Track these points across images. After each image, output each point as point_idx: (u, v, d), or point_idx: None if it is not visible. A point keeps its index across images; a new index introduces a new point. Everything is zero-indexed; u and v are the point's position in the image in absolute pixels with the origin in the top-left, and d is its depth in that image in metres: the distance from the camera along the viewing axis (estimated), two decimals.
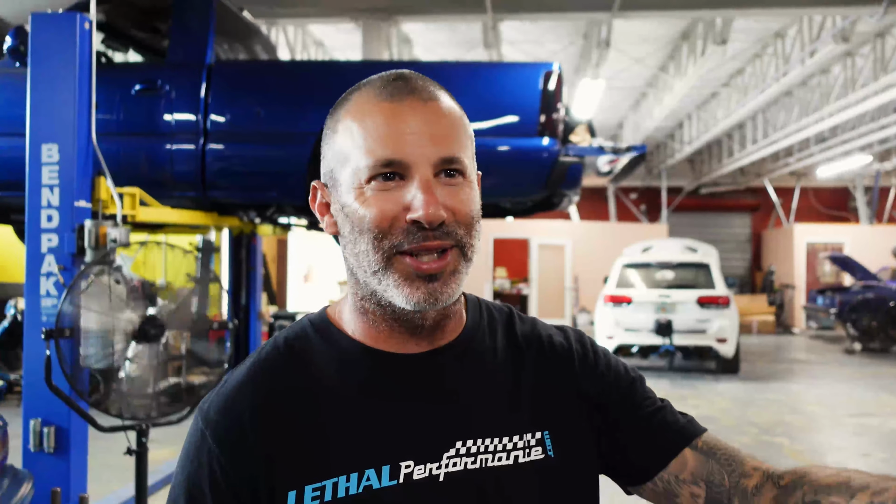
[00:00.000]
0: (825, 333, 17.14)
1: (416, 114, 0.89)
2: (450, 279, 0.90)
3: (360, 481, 0.89)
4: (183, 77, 4.74)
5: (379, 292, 0.91)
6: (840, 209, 21.18)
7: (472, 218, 0.91)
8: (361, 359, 0.96)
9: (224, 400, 0.94)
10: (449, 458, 0.92)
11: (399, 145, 0.88)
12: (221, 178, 4.75)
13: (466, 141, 0.93)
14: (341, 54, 11.41)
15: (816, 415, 8.24)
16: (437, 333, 0.97)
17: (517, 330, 1.05)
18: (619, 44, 10.43)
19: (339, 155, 0.92)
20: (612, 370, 1.06)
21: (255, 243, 6.77)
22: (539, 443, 0.97)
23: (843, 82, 11.09)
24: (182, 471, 0.93)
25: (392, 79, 0.93)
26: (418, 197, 0.87)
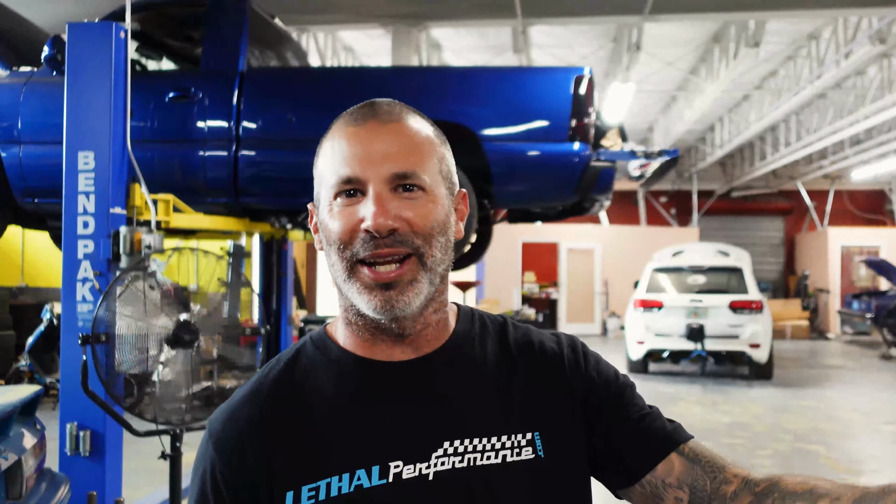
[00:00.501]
0: (861, 339, 16.85)
1: (372, 136, 0.98)
2: (407, 288, 0.96)
3: (352, 481, 0.96)
4: (216, 84, 4.78)
5: (352, 301, 0.99)
6: (876, 212, 20.81)
7: (431, 228, 0.98)
8: (354, 368, 1.03)
9: (228, 412, 1.03)
10: (437, 457, 0.97)
11: (356, 164, 0.97)
12: (253, 184, 4.78)
13: (430, 159, 1.00)
14: (371, 60, 11.46)
15: (853, 422, 8.10)
16: (420, 341, 1.03)
17: (510, 337, 1.11)
18: (650, 47, 10.35)
19: (319, 177, 1.02)
20: (602, 375, 1.10)
21: (285, 248, 6.81)
22: (529, 443, 1.02)
23: (880, 84, 10.91)
24: (193, 479, 1.03)
25: (362, 106, 1.03)
26: (369, 209, 0.95)
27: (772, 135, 16.01)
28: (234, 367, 5.53)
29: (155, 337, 3.48)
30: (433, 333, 1.05)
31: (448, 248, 1.02)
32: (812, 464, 6.28)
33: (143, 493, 4.98)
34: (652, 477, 1.05)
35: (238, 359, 5.35)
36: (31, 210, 4.99)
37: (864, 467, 6.23)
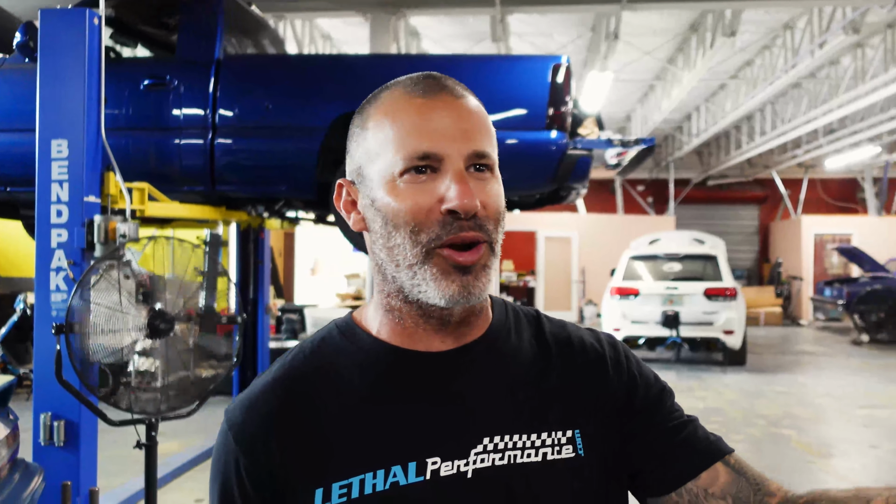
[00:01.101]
0: (833, 325, 17.10)
1: (448, 109, 0.91)
2: (481, 273, 0.91)
3: (387, 478, 0.90)
4: (192, 72, 4.74)
5: (408, 288, 0.91)
6: (848, 200, 21.08)
7: (500, 213, 0.93)
8: (386, 358, 0.96)
9: (249, 402, 0.96)
10: (477, 454, 0.92)
11: (434, 139, 0.89)
12: (230, 172, 4.76)
13: (492, 139, 0.95)
14: (349, 48, 11.40)
15: (824, 407, 8.23)
16: (464, 329, 0.97)
17: (545, 330, 1.05)
18: (628, 36, 10.38)
19: (369, 151, 0.93)
20: (643, 376, 1.05)
21: (262, 237, 6.79)
22: (570, 441, 0.97)
23: (853, 73, 11.03)
24: (214, 473, 0.97)
25: (423, 77, 0.95)
26: (453, 187, 0.88)
27: (747, 124, 16.14)
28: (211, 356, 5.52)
29: (129, 326, 3.46)
30: (477, 322, 0.99)
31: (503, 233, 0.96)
32: (784, 448, 6.38)
33: (119, 482, 4.96)
34: (694, 485, 1.00)
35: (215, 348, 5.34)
36: (4, 199, 4.93)
37: (835, 450, 6.34)
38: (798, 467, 5.80)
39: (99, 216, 3.78)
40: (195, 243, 3.82)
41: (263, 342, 6.99)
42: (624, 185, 21.31)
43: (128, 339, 3.51)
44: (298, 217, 6.78)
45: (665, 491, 1.01)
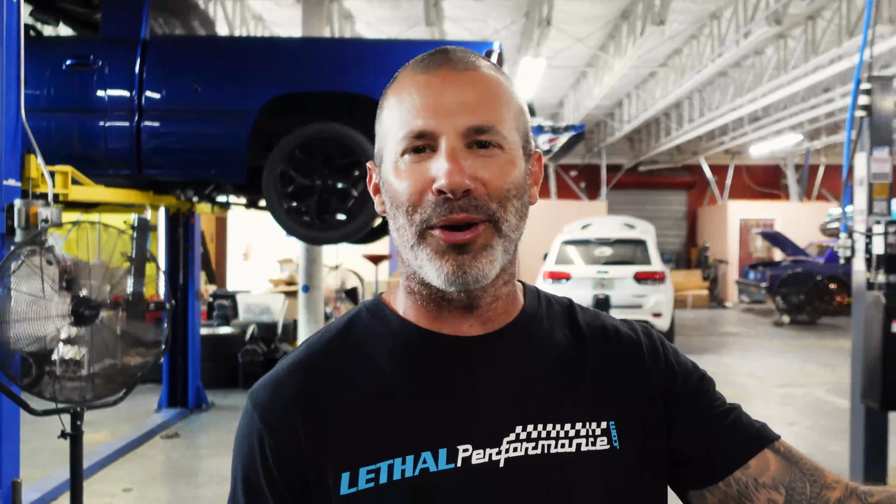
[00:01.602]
0: (756, 307, 17.70)
1: (447, 84, 0.88)
2: (480, 253, 0.87)
3: (417, 464, 0.87)
4: (116, 52, 4.62)
5: (417, 270, 0.90)
6: (772, 187, 21.80)
7: (507, 191, 0.88)
8: (416, 340, 0.93)
9: (274, 381, 0.93)
10: (509, 442, 0.89)
11: (427, 116, 0.86)
12: (157, 155, 4.66)
13: (507, 113, 0.90)
14: (282, 30, 11.22)
15: (747, 386, 8.54)
16: (489, 315, 0.93)
17: (579, 319, 1.01)
18: (560, 23, 10.49)
19: (382, 132, 0.92)
20: (681, 364, 1.01)
21: (192, 222, 6.67)
22: (604, 433, 0.93)
23: (776, 63, 11.39)
24: (236, 452, 0.94)
25: (432, 52, 0.92)
26: (442, 166, 0.85)
27: (676, 111, 16.51)
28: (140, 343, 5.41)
29: (53, 313, 3.37)
30: (503, 307, 0.95)
31: (523, 215, 0.91)
32: None
33: (45, 473, 4.84)
34: (742, 475, 0.95)
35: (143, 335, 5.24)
36: None
37: None
38: None
39: (19, 200, 3.67)
40: (121, 228, 3.74)
41: (194, 329, 6.88)
42: (557, 171, 21.58)
43: (51, 327, 3.42)
44: (230, 202, 6.68)
45: (712, 481, 0.96)
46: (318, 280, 7.50)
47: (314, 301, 7.40)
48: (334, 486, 0.87)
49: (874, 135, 4.07)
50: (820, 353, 10.90)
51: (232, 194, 5.98)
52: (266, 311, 8.90)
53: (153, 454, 5.74)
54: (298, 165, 4.66)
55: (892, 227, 3.92)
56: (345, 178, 4.70)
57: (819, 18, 10.12)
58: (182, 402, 6.90)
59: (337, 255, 10.83)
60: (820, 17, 10.10)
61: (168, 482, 5.24)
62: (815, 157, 20.47)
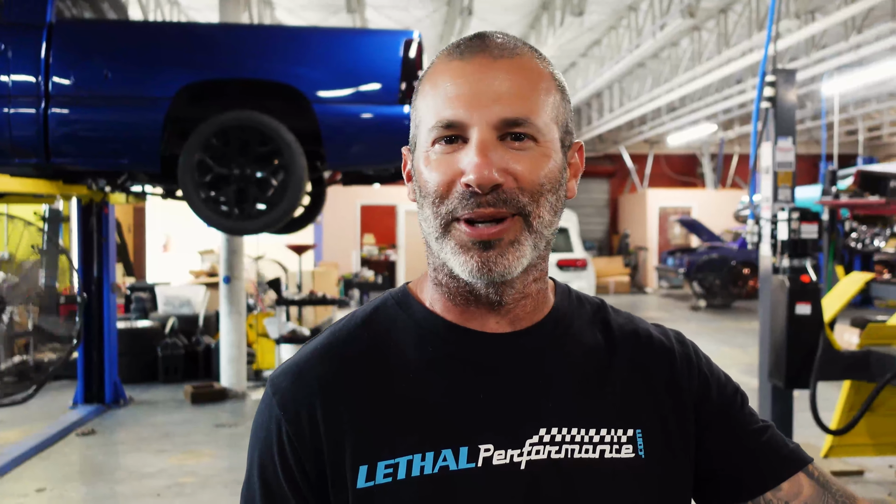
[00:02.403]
0: (675, 292, 18.24)
1: (482, 72, 0.84)
2: (507, 249, 0.84)
3: (437, 461, 0.84)
4: (20, 36, 4.43)
5: (444, 261, 0.87)
6: (689, 175, 22.45)
7: (540, 185, 0.85)
8: (442, 333, 0.91)
9: (295, 368, 0.91)
10: (532, 444, 0.86)
11: (458, 105, 0.83)
12: (66, 143, 4.50)
13: (544, 103, 0.86)
14: (198, 15, 10.94)
15: None
16: (517, 312, 0.91)
17: (611, 320, 0.99)
18: (482, 12, 10.55)
19: (417, 119, 0.89)
20: (714, 375, 0.99)
21: (106, 212, 6.47)
22: (630, 441, 0.90)
23: (691, 55, 11.71)
24: (253, 440, 0.91)
25: (470, 37, 0.89)
26: (471, 160, 0.82)
27: (597, 101, 16.82)
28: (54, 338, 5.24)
29: None
30: (532, 305, 0.92)
31: (559, 210, 0.89)
32: None
33: None
34: (774, 496, 0.93)
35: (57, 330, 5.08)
36: None
37: None
38: None
39: None
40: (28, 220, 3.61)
41: (110, 322, 6.69)
42: None
43: None
44: (146, 191, 6.50)
45: (741, 499, 0.95)
46: (239, 271, 7.38)
47: (236, 292, 7.27)
48: (351, 479, 0.85)
49: (779, 125, 4.24)
50: (734, 335, 11.31)
51: (147, 184, 5.83)
52: (186, 303, 8.71)
53: (69, 452, 5.57)
54: (216, 154, 4.58)
55: (795, 213, 4.10)
56: (264, 167, 4.63)
57: (731, 12, 10.45)
58: (99, 397, 6.71)
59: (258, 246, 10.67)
60: (731, 10, 10.43)
61: (85, 480, 5.09)
62: (728, 146, 21.18)
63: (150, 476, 4.98)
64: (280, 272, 10.36)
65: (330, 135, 4.60)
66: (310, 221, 6.18)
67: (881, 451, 4.42)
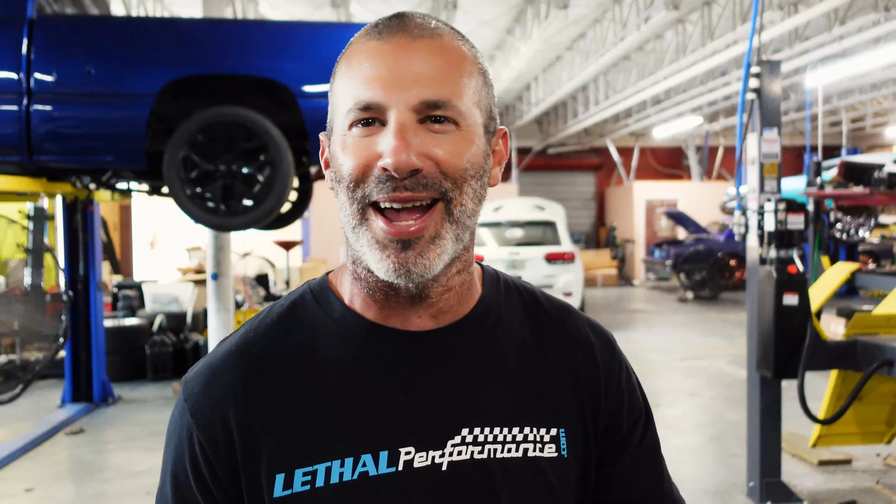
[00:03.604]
0: (662, 284, 18.31)
1: (401, 52, 0.80)
2: (428, 248, 0.80)
3: (356, 467, 0.82)
4: (0, 32, 4.38)
5: (360, 254, 0.83)
6: (675, 167, 22.53)
7: (464, 170, 0.81)
8: (361, 332, 0.87)
9: (208, 370, 0.86)
10: (454, 445, 0.84)
11: (376, 87, 0.79)
12: (49, 141, 4.46)
13: (467, 86, 0.82)
14: (182, 10, 10.87)
15: (653, 360, 8.84)
16: (440, 306, 0.87)
17: (541, 312, 0.96)
18: (467, 5, 10.53)
19: (334, 102, 0.85)
20: (630, 394, 0.97)
21: (91, 210, 6.42)
22: (553, 440, 0.89)
23: (676, 47, 11.74)
24: (167, 448, 0.87)
25: (389, 17, 0.85)
26: (389, 142, 0.78)
27: (583, 94, 16.83)
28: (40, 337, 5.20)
29: None
30: (456, 298, 0.88)
31: (482, 198, 0.85)
32: None
33: None
34: None
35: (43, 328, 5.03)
36: None
37: (662, 400, 6.84)
38: None
39: None
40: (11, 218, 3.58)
41: (97, 320, 6.65)
42: None
43: None
44: (131, 189, 6.46)
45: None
46: (227, 268, 7.34)
47: (224, 289, 7.23)
48: (267, 488, 0.82)
49: (764, 116, 4.25)
50: (721, 326, 11.37)
51: (133, 181, 5.79)
52: (174, 300, 8.66)
53: (57, 451, 5.53)
54: (201, 150, 4.55)
55: (781, 204, 4.11)
56: (250, 163, 4.61)
57: (715, 4, 10.47)
58: (87, 396, 6.67)
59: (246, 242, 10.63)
60: (716, 2, 10.46)
61: (73, 479, 5.06)
62: (714, 138, 21.27)
63: (140, 474, 4.96)
64: (268, 268, 10.33)
65: (316, 130, 4.58)
66: (297, 217, 6.16)
67: (868, 439, 4.45)
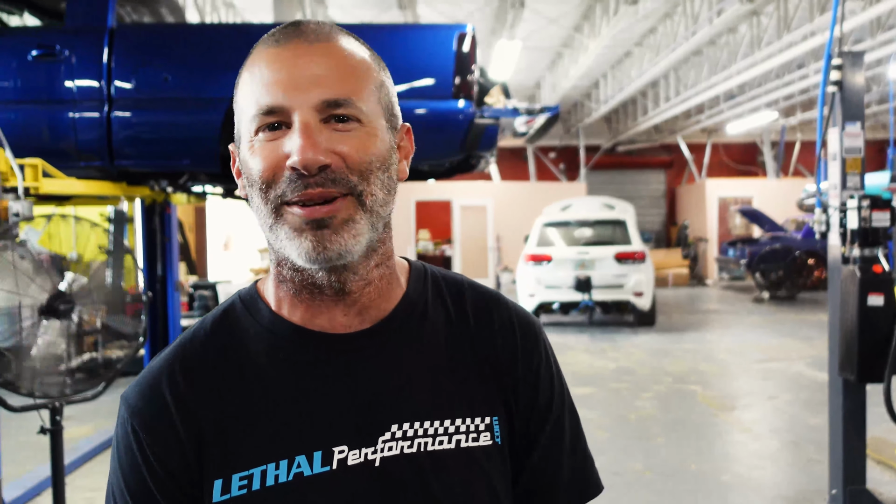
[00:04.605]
0: (736, 284, 17.84)
1: (299, 57, 0.84)
2: (341, 228, 0.82)
3: (291, 468, 0.84)
4: (83, 41, 4.54)
5: (280, 250, 0.86)
6: (749, 164, 21.93)
7: (370, 164, 0.84)
8: (290, 337, 0.90)
9: (146, 384, 0.89)
10: (385, 441, 0.87)
11: (277, 91, 0.82)
12: (129, 146, 4.60)
13: (365, 85, 0.86)
14: (253, 16, 11.10)
15: (727, 362, 8.62)
16: (363, 301, 0.89)
17: (467, 303, 0.97)
18: (534, 4, 10.46)
19: (238, 110, 0.88)
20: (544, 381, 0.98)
21: (169, 213, 6.60)
22: (488, 428, 0.91)
23: (750, 41, 11.41)
24: (117, 464, 0.88)
25: (285, 26, 0.88)
26: (295, 142, 0.81)
27: (653, 90, 16.54)
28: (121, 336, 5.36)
29: (28, 308, 3.34)
30: (376, 292, 0.90)
31: (391, 188, 0.87)
32: (690, 403, 6.67)
33: (29, 468, 4.81)
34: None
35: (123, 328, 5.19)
36: None
37: (737, 403, 6.66)
38: (703, 420, 6.08)
39: None
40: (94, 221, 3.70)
41: (175, 320, 6.83)
42: (536, 153, 21.58)
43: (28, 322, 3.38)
44: (206, 191, 6.62)
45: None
46: None
47: None
48: (208, 494, 0.84)
49: (846, 110, 4.08)
50: (799, 327, 11.01)
51: (207, 184, 5.93)
52: None
53: None
54: None
55: (865, 201, 3.95)
56: None
57: None
58: None
59: None
60: None
61: None
62: (790, 133, 20.60)
63: None
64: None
65: None
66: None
67: None
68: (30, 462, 4.93)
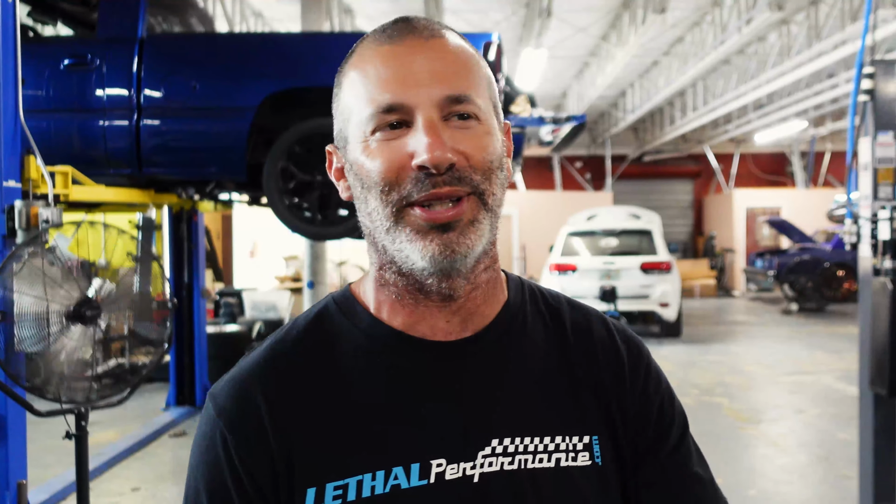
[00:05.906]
0: (764, 295, 17.63)
1: (416, 53, 0.81)
2: (468, 229, 0.80)
3: (388, 480, 0.81)
4: (114, 51, 4.61)
5: (396, 256, 0.82)
6: (777, 174, 21.69)
7: (491, 163, 0.82)
8: (390, 343, 0.87)
9: (237, 385, 0.86)
10: (485, 456, 0.84)
11: (398, 88, 0.80)
12: (157, 154, 4.66)
13: (480, 82, 0.84)
14: (281, 25, 11.20)
15: (755, 374, 8.51)
16: (468, 307, 0.87)
17: (565, 317, 0.95)
18: (561, 13, 10.44)
19: (345, 110, 0.85)
20: (659, 395, 0.95)
21: (196, 220, 6.66)
22: (587, 448, 0.88)
23: (779, 50, 11.31)
24: (198, 462, 0.85)
25: (393, 22, 0.86)
26: (422, 140, 0.78)
27: (680, 100, 16.43)
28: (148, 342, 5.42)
29: (56, 314, 3.37)
30: (482, 297, 0.88)
31: (505, 187, 0.85)
32: (716, 415, 6.58)
33: (55, 472, 4.86)
34: None
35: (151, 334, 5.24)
36: None
37: (764, 416, 6.57)
38: (729, 434, 6.00)
39: (20, 201, 3.66)
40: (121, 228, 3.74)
41: (200, 327, 6.89)
42: (562, 162, 21.51)
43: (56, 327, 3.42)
44: (232, 199, 6.67)
45: None
46: (323, 276, 7.50)
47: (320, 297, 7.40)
48: (299, 502, 0.81)
49: (878, 119, 4.02)
50: (828, 339, 10.85)
51: (234, 192, 5.98)
52: (272, 308, 8.91)
53: (161, 453, 5.75)
54: (299, 161, 4.65)
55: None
56: None
57: (821, 3, 10.03)
58: (190, 400, 6.91)
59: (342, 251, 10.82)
60: (822, 1, 10.01)
61: (176, 481, 5.24)
62: (820, 143, 20.35)
63: None
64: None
65: None
66: None
67: None
68: (55, 466, 4.98)
